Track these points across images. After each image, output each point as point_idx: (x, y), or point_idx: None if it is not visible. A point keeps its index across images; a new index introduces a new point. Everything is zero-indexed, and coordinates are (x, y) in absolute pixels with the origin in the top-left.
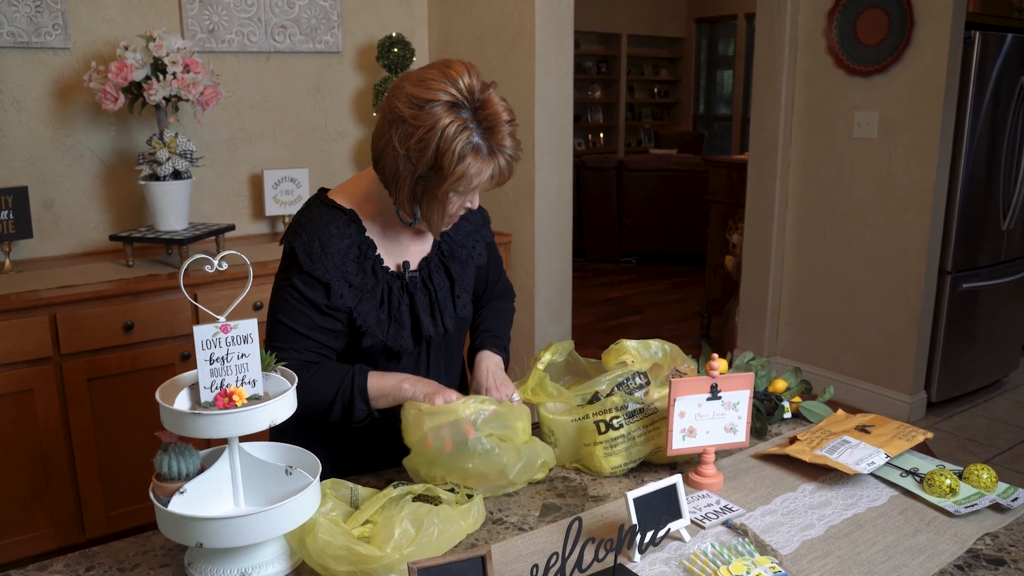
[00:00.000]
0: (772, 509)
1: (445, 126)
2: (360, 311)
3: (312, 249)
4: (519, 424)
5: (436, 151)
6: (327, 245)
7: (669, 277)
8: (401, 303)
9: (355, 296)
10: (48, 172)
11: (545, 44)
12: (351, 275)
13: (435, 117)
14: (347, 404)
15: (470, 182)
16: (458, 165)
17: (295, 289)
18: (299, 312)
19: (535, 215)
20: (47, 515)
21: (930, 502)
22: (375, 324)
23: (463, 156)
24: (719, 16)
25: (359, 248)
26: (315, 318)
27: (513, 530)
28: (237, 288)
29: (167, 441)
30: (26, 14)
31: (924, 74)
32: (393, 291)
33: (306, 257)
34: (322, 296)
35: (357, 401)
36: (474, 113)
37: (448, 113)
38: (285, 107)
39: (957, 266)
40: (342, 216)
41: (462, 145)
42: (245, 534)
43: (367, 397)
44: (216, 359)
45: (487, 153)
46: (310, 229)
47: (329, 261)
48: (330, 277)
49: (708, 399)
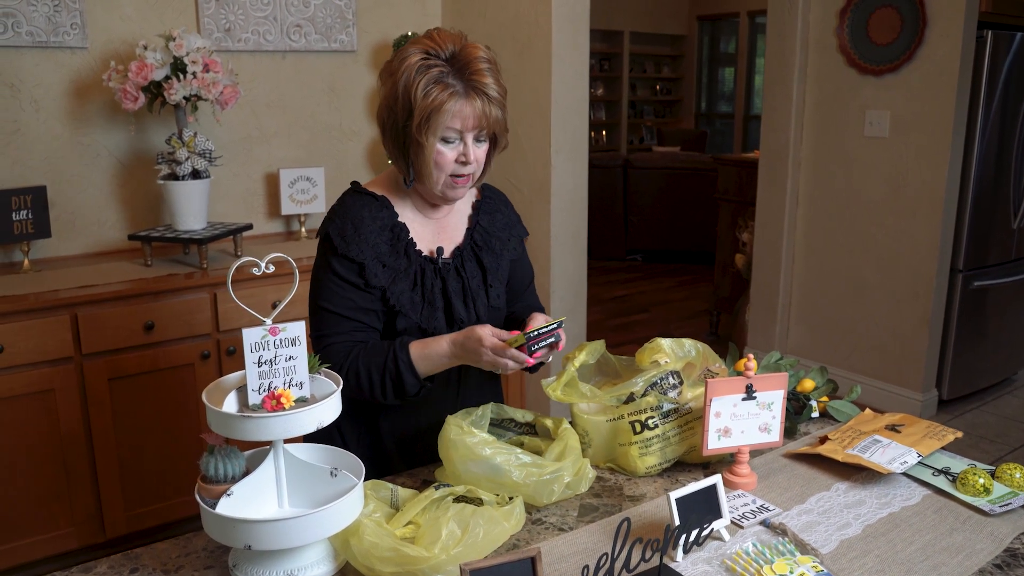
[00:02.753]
0: (808, 508)
1: (412, 64)
2: (394, 291)
3: (346, 231)
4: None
5: (405, 89)
6: (360, 227)
7: (675, 275)
8: (434, 286)
9: (388, 276)
10: (66, 171)
11: (561, 44)
12: (384, 256)
13: (406, 62)
14: (396, 380)
15: (444, 118)
16: (424, 99)
17: (333, 272)
18: (339, 295)
19: (551, 214)
20: (68, 514)
21: (964, 501)
22: (408, 305)
23: (428, 90)
24: (721, 14)
25: (392, 231)
26: (355, 298)
27: (553, 530)
28: (255, 287)
29: (213, 443)
30: (44, 14)
31: (936, 73)
32: (426, 274)
33: (340, 239)
34: (358, 276)
35: (405, 375)
36: (450, 59)
37: (418, 56)
38: (300, 106)
39: (968, 264)
40: (374, 202)
41: (427, 78)
42: (293, 536)
43: (415, 369)
44: (264, 362)
45: (463, 92)
46: (343, 214)
47: (363, 242)
48: (364, 256)
49: (743, 399)
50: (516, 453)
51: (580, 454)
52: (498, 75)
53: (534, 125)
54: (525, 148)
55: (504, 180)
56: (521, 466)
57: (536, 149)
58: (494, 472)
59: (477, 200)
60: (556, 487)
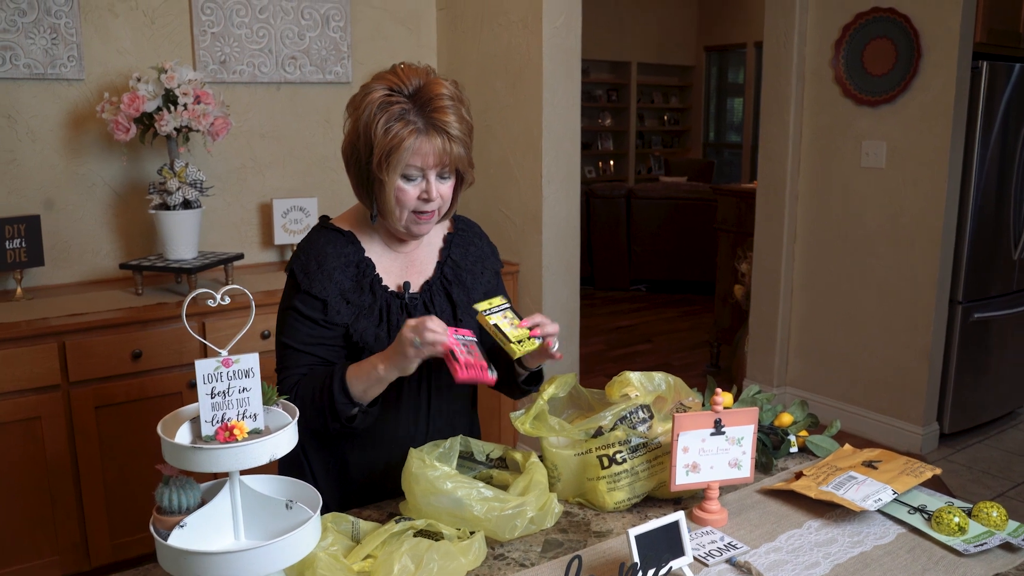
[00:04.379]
0: (777, 546)
1: (373, 100)
2: (357, 328)
3: (309, 268)
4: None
5: (366, 125)
6: (324, 264)
7: (679, 305)
8: (400, 321)
9: (352, 313)
10: (61, 200)
11: (553, 74)
12: (348, 292)
13: (368, 97)
14: (329, 402)
15: (404, 156)
16: (384, 136)
17: (294, 309)
18: (299, 330)
19: (542, 243)
20: (52, 542)
21: (939, 540)
22: (373, 341)
23: (389, 127)
24: (728, 44)
25: (357, 267)
26: (315, 333)
27: (515, 566)
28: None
29: (168, 474)
30: (42, 46)
31: (932, 104)
32: (392, 310)
33: (303, 276)
34: (320, 312)
35: (337, 396)
36: (412, 95)
37: (381, 92)
38: (295, 137)
39: (968, 296)
40: (340, 237)
41: (387, 115)
42: (244, 569)
43: (346, 387)
44: (217, 393)
45: (423, 129)
46: (308, 250)
47: (325, 278)
48: (326, 293)
49: (712, 434)
50: (478, 487)
51: (546, 488)
52: (462, 112)
53: (526, 155)
54: (517, 177)
55: (496, 210)
56: (483, 500)
57: (528, 179)
58: (456, 506)
59: (449, 233)
60: (519, 522)
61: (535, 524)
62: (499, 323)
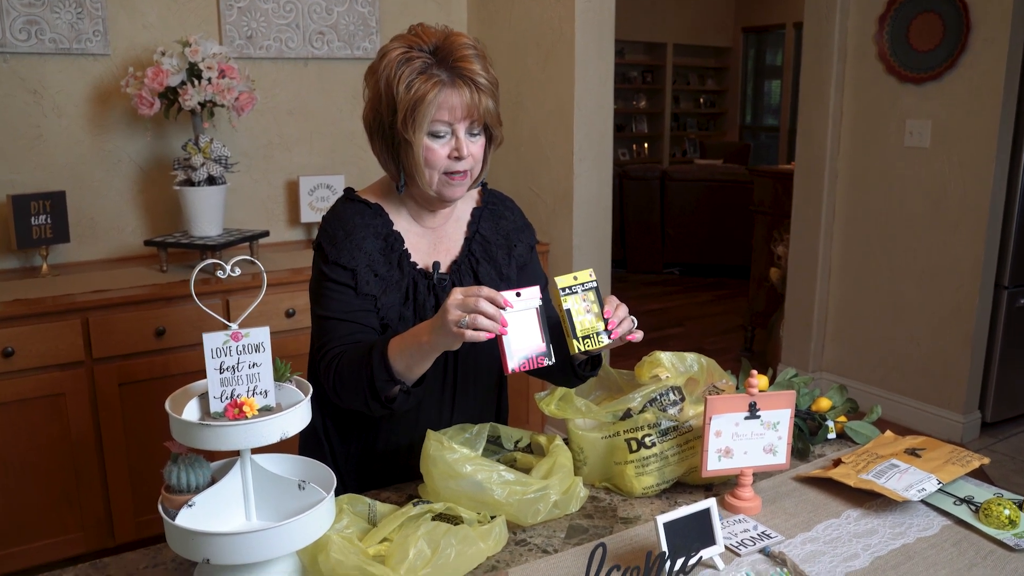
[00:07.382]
0: (813, 536)
1: (392, 59)
2: (383, 303)
3: (337, 238)
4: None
5: (387, 85)
6: (352, 234)
7: (712, 289)
8: (427, 302)
9: (380, 286)
10: (87, 177)
11: (585, 50)
12: (377, 264)
13: (387, 57)
14: (369, 381)
15: (430, 110)
16: (407, 92)
17: (325, 278)
18: (334, 300)
19: (573, 223)
20: (77, 519)
21: (987, 534)
22: (397, 320)
23: (411, 82)
24: (767, 25)
25: (385, 240)
26: (350, 301)
27: (537, 552)
28: (270, 294)
29: (176, 452)
30: (67, 21)
31: (981, 81)
32: (419, 288)
33: (331, 247)
34: (351, 280)
35: (377, 371)
36: (433, 51)
37: (399, 50)
38: (322, 113)
39: (1014, 281)
40: (367, 209)
41: (409, 70)
42: (253, 550)
43: (388, 364)
44: (227, 368)
45: (449, 81)
46: (334, 222)
47: (355, 248)
48: (356, 263)
49: (746, 418)
50: (499, 470)
51: (570, 472)
52: (487, 64)
53: (558, 132)
54: (548, 156)
55: (526, 188)
56: (504, 484)
57: (559, 157)
58: (476, 490)
59: (477, 207)
60: (541, 506)
61: (559, 508)
62: (572, 308)
